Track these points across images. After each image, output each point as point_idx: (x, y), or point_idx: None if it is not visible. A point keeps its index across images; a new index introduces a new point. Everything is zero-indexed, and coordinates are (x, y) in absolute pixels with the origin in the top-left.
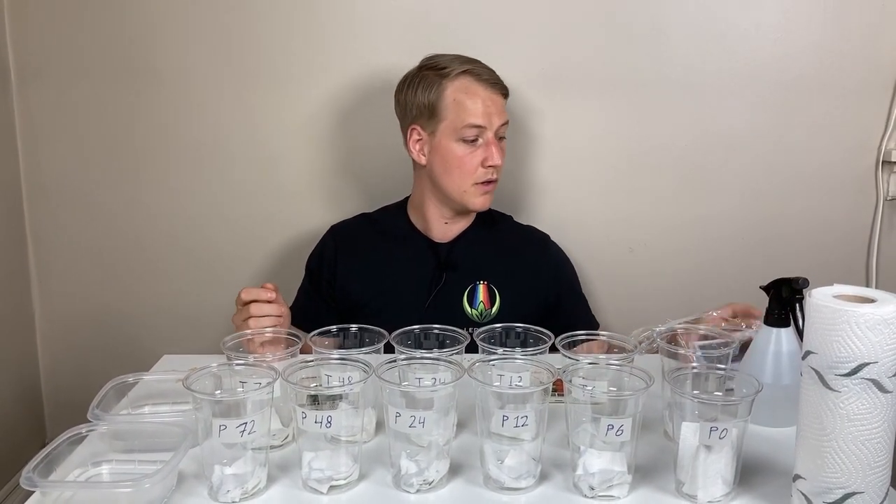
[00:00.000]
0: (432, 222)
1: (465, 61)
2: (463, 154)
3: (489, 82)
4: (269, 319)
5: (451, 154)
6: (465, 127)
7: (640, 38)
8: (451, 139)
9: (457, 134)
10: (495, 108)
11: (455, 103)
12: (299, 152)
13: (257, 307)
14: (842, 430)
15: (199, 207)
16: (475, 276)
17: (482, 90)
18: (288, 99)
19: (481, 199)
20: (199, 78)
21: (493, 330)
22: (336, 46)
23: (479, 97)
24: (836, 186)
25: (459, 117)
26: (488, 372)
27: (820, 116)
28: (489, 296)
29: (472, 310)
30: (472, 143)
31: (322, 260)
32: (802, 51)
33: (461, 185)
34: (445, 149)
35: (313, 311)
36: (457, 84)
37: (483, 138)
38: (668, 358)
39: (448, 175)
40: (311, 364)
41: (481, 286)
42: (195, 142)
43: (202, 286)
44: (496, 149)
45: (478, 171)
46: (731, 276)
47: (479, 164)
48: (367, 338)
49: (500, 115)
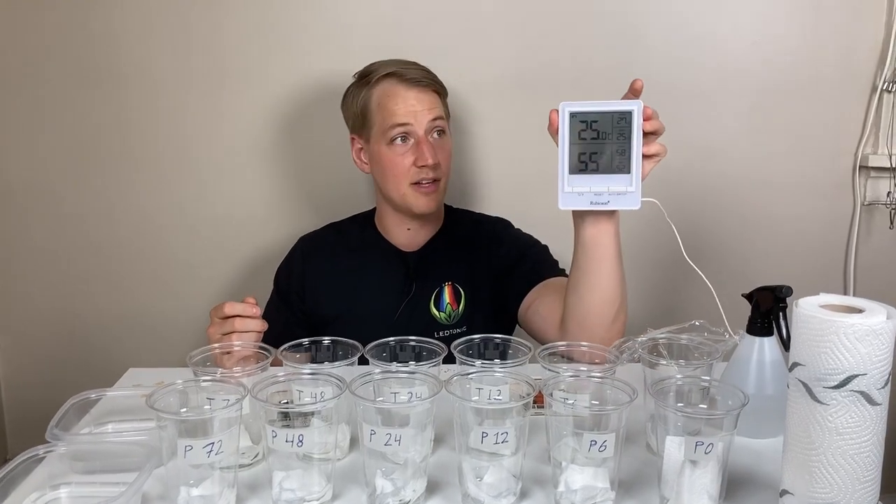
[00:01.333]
0: (395, 231)
1: (392, 64)
2: (394, 156)
3: (413, 81)
4: (252, 335)
5: (384, 158)
6: (390, 128)
7: (615, 43)
8: (381, 143)
9: (385, 137)
10: (422, 104)
11: (380, 107)
12: (268, 158)
13: (242, 322)
14: (830, 443)
15: (166, 214)
16: (441, 279)
17: (405, 90)
18: (257, 102)
19: (423, 201)
20: (166, 80)
21: (472, 341)
22: (308, 48)
23: (401, 97)
24: (813, 192)
25: (385, 120)
26: (466, 386)
27: (796, 121)
28: (454, 296)
29: (439, 313)
30: (404, 143)
31: (290, 273)
32: (778, 55)
33: (399, 189)
34: (378, 154)
35: (282, 326)
36: (380, 88)
37: (414, 138)
38: (650, 369)
39: (385, 180)
40: (281, 380)
41: (447, 288)
42: (161, 147)
43: (170, 296)
44: (427, 147)
45: (411, 172)
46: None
47: (412, 165)
48: (341, 351)
49: (429, 111)
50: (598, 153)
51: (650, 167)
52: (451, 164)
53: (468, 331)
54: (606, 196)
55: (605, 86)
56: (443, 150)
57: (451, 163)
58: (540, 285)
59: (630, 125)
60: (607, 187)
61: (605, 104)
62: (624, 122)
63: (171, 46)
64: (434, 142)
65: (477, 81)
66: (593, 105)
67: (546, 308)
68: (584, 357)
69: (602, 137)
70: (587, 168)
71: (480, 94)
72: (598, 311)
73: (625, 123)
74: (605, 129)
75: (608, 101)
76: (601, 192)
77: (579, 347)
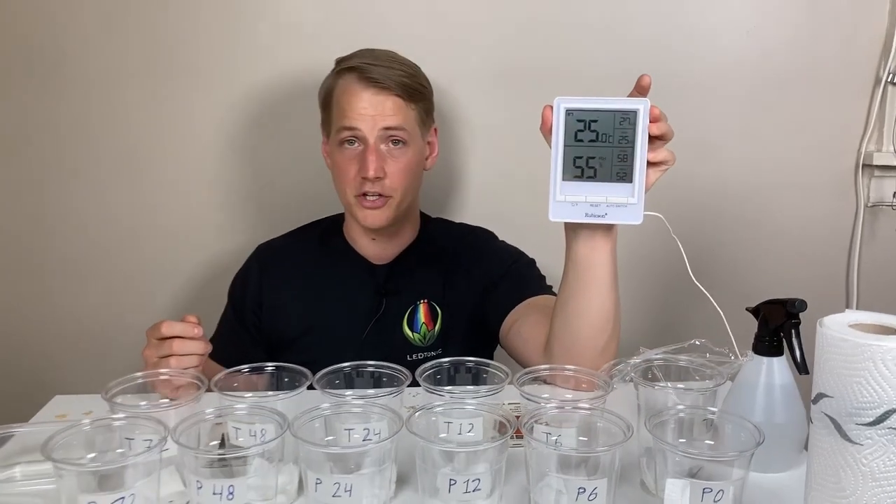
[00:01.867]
0: (361, 241)
1: (363, 56)
2: (342, 160)
3: (373, 81)
4: (194, 359)
5: (334, 160)
6: (339, 129)
7: (603, 34)
8: (335, 143)
9: (337, 137)
10: (375, 108)
11: (336, 103)
12: (221, 161)
13: (181, 344)
14: (864, 490)
15: (106, 223)
16: (415, 296)
17: (363, 89)
18: (208, 101)
19: (364, 215)
20: (107, 78)
21: (440, 366)
22: (265, 41)
23: (357, 97)
24: (812, 192)
25: (338, 118)
26: (432, 419)
27: (794, 116)
28: (430, 315)
29: (413, 333)
30: (352, 147)
31: (246, 287)
32: (775, 46)
33: (345, 197)
34: (332, 154)
35: (237, 345)
36: (341, 82)
37: (363, 144)
38: (645, 395)
39: (336, 184)
40: (207, 417)
41: (422, 306)
42: (101, 150)
43: (108, 313)
44: (371, 158)
45: (355, 182)
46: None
47: (356, 174)
48: (287, 378)
49: (382, 117)
50: (597, 158)
51: (655, 177)
52: (411, 182)
53: (444, 353)
54: (604, 207)
55: (595, 79)
56: (396, 163)
57: (411, 180)
58: (523, 304)
59: (634, 127)
60: (605, 198)
61: (606, 101)
62: (627, 122)
63: (113, 40)
64: (386, 152)
65: (457, 76)
66: (593, 102)
67: (528, 329)
68: (568, 383)
69: (602, 140)
70: (583, 175)
71: (461, 91)
72: (586, 337)
73: (628, 125)
74: (606, 130)
75: (611, 98)
76: (598, 203)
77: (563, 372)
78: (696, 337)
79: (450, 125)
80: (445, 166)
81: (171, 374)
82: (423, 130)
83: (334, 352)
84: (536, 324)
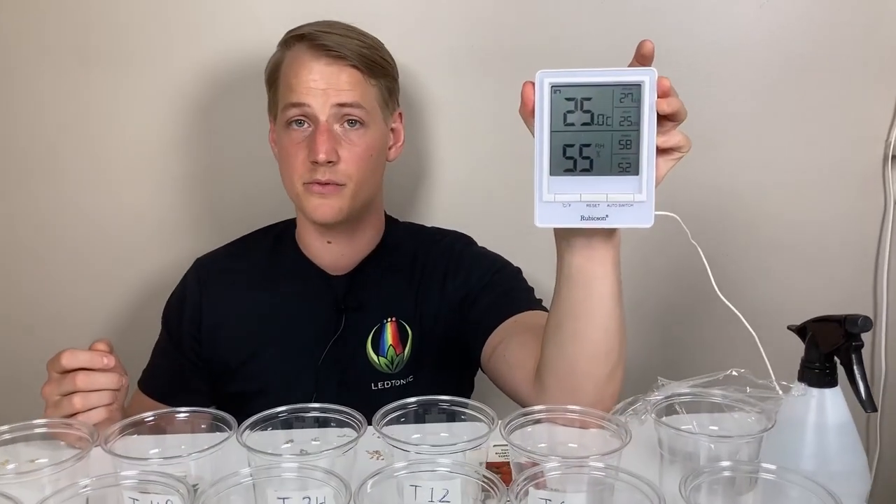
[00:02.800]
0: (315, 247)
1: (314, 25)
2: (289, 144)
3: (326, 50)
4: (103, 395)
5: (281, 144)
6: (285, 107)
7: (592, 9)
8: (281, 125)
9: (283, 116)
10: (327, 81)
11: (284, 78)
12: (154, 160)
13: (86, 378)
14: None
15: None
16: (381, 313)
17: (313, 61)
18: (140, 90)
19: (315, 205)
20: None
21: (405, 408)
22: (206, 16)
23: (307, 69)
24: (835, 187)
25: (284, 95)
26: (394, 482)
27: (814, 104)
28: (399, 335)
29: (378, 357)
30: (300, 128)
31: (183, 308)
32: (792, 25)
33: (292, 186)
34: (279, 139)
35: (174, 376)
36: (289, 55)
37: (313, 123)
38: (669, 441)
39: (282, 172)
40: (87, 489)
41: (389, 325)
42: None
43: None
44: (322, 138)
45: (304, 168)
46: (715, 298)
47: (305, 158)
48: (205, 425)
49: (336, 91)
50: (593, 145)
51: (667, 167)
52: (370, 170)
53: (415, 381)
54: (604, 208)
55: (583, 57)
56: (352, 146)
57: (370, 168)
58: (509, 321)
59: (639, 104)
60: (606, 195)
61: (602, 73)
62: (630, 99)
63: (31, 15)
64: (341, 134)
65: (425, 57)
66: (586, 74)
67: (516, 354)
68: (573, 424)
69: (598, 122)
70: (576, 167)
71: (429, 73)
72: (586, 365)
73: (631, 102)
74: (603, 109)
75: (607, 70)
76: (596, 203)
77: (566, 414)
78: (717, 359)
79: (418, 114)
80: (413, 161)
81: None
82: (384, 113)
83: (285, 380)
84: (525, 346)
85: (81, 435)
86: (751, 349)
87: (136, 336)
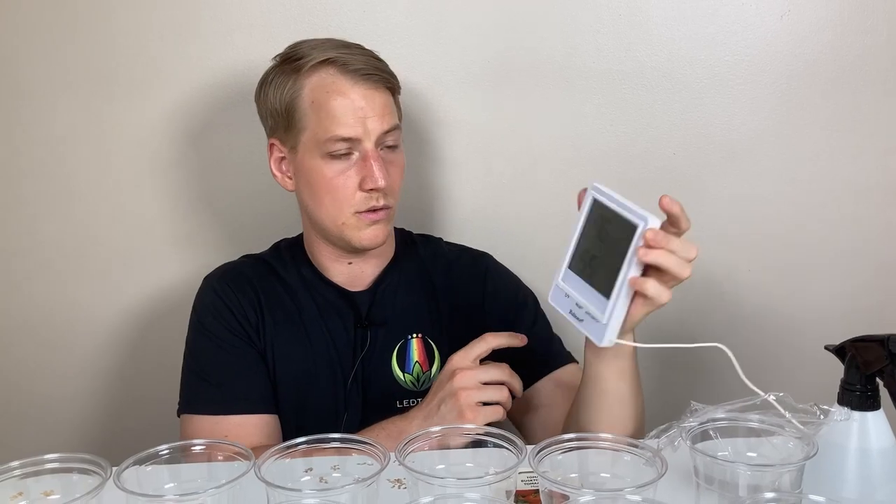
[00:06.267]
0: (331, 266)
1: (332, 47)
2: (333, 175)
3: (361, 74)
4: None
5: (318, 175)
6: (329, 140)
7: (612, 20)
8: (315, 156)
9: (321, 148)
10: (373, 108)
11: (315, 107)
12: (154, 177)
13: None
14: None
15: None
16: (404, 329)
17: (351, 86)
18: (145, 107)
19: (369, 233)
20: (32, 81)
21: (429, 437)
22: (209, 37)
23: (346, 96)
24: (860, 201)
25: (322, 126)
26: None
27: (841, 114)
28: (426, 353)
29: (404, 374)
30: (345, 157)
31: (233, 311)
32: (815, 34)
33: (336, 217)
34: (310, 169)
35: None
36: (316, 80)
37: (359, 151)
38: (706, 469)
39: (318, 203)
40: None
41: (414, 341)
42: (17, 168)
43: (28, 368)
44: (377, 165)
45: (356, 197)
46: (734, 317)
47: (357, 188)
48: (221, 456)
49: (381, 118)
50: (599, 259)
51: (639, 311)
52: (400, 187)
53: None
54: (583, 313)
55: (598, 74)
56: (395, 168)
57: (401, 185)
58: (545, 380)
59: (628, 243)
60: (587, 304)
61: (625, 204)
62: (626, 234)
63: (42, 35)
64: (384, 157)
65: (436, 73)
66: (616, 200)
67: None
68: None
69: (607, 244)
70: (583, 272)
71: (440, 89)
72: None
73: (625, 238)
74: (613, 234)
75: (632, 203)
76: (581, 306)
77: (598, 443)
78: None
79: (423, 131)
80: (419, 179)
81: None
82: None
83: (319, 399)
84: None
85: (94, 469)
86: (786, 373)
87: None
